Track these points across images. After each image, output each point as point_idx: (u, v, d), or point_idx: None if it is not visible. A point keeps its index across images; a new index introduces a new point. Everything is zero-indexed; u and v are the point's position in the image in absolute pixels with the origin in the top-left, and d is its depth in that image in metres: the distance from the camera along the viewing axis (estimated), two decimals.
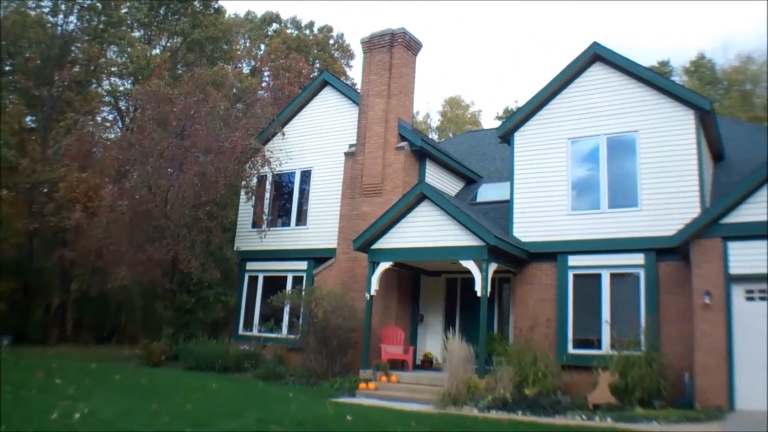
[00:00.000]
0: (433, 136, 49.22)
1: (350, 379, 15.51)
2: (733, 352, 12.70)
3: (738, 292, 13.10)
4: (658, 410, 12.21)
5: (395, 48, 19.07)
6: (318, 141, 20.74)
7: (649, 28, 68.21)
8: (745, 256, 13.08)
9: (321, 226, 19.79)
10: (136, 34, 34.65)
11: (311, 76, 33.61)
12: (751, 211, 13.08)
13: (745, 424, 11.13)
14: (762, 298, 12.92)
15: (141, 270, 20.22)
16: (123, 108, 33.65)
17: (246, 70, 40.90)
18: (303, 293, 17.91)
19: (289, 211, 20.88)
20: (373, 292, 16.31)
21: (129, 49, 31.57)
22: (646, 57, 60.34)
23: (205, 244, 19.74)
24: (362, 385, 14.95)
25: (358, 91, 20.02)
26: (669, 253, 14.51)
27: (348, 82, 35.08)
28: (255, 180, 20.98)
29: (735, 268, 13.09)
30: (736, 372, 12.61)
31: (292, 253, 20.06)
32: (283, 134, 20.99)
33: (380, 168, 18.37)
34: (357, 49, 27.61)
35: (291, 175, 21.01)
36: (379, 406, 12.91)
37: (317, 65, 40.74)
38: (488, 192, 19.88)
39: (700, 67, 46.78)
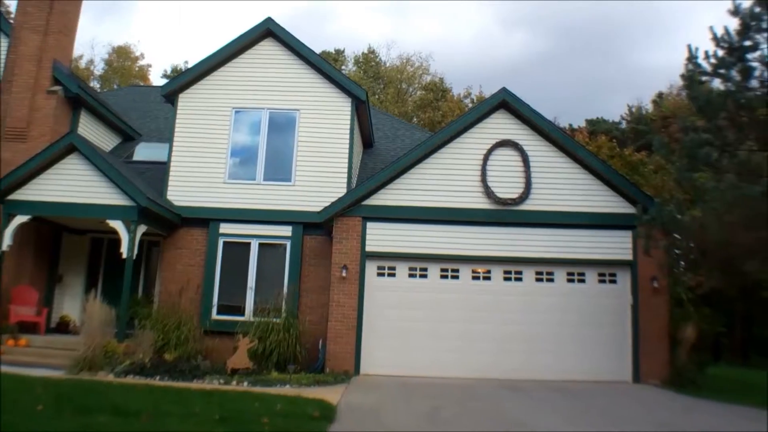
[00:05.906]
0: (96, 85, 45.76)
1: None
2: (362, 321, 14.09)
3: (371, 268, 14.52)
4: (293, 374, 12.99)
5: None
6: None
7: (339, 14, 71.32)
8: (379, 236, 14.57)
9: None
10: None
11: None
12: (387, 197, 14.63)
13: (365, 385, 12.37)
14: (390, 275, 14.50)
15: None
16: None
17: None
18: None
19: None
20: (5, 248, 14.67)
21: None
22: (328, 41, 63.31)
23: None
24: None
25: (12, 21, 17.82)
26: (315, 227, 15.50)
27: (2, 10, 30.90)
28: None
29: (370, 246, 14.48)
30: (363, 339, 14.01)
31: None
32: None
33: (27, 111, 16.57)
34: None
35: None
36: (3, 372, 11.77)
37: None
38: (146, 151, 19.13)
39: (368, 60, 50.48)
